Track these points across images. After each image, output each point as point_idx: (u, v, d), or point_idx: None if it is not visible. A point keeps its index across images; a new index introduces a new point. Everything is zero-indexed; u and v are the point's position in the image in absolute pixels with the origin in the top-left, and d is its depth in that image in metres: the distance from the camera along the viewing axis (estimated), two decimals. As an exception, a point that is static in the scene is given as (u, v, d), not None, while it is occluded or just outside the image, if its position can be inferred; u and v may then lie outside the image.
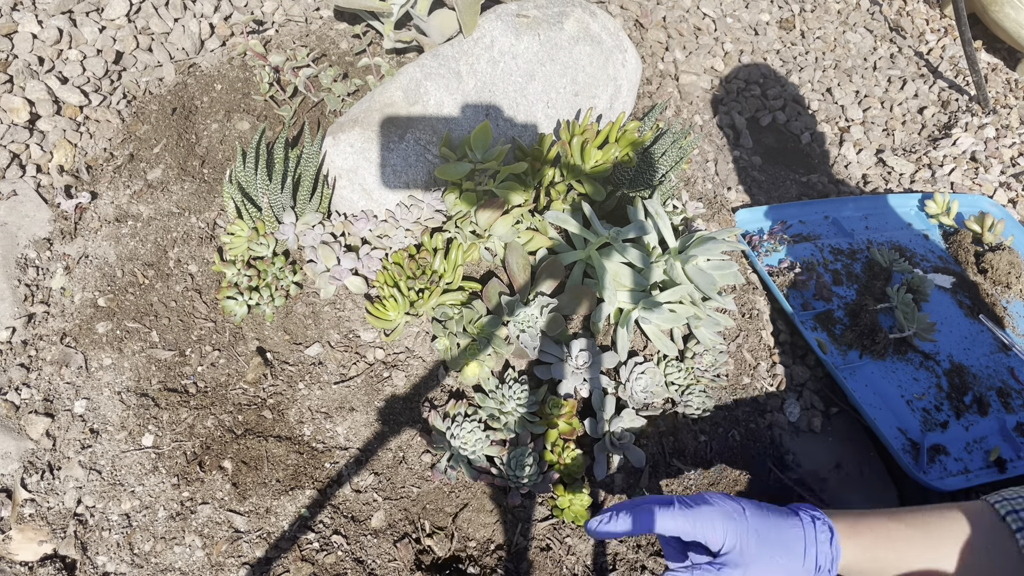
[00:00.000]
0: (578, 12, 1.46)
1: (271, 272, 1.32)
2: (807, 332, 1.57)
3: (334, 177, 1.36)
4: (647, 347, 1.42)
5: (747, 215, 1.80)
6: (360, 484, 1.19)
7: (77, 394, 1.22)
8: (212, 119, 1.59)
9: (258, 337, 1.32)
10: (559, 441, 1.23)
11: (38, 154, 1.49)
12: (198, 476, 1.15)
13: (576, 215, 1.41)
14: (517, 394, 1.23)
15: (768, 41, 2.42)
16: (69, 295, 1.34)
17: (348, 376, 1.30)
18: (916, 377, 1.58)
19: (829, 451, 1.44)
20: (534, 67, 1.39)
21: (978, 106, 2.34)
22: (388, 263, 1.33)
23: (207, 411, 1.22)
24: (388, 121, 1.32)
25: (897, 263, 1.75)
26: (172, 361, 1.27)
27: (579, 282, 1.40)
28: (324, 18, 1.84)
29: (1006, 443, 1.51)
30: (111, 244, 1.39)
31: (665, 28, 2.27)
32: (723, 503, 0.73)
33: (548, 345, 1.31)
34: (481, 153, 1.30)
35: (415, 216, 1.36)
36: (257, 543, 1.10)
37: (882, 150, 2.23)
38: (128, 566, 1.07)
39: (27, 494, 1.12)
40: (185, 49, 1.73)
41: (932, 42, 2.65)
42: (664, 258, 1.37)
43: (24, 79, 1.52)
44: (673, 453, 1.33)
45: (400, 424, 1.25)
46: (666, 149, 1.49)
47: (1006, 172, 2.15)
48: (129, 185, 1.48)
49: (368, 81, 1.64)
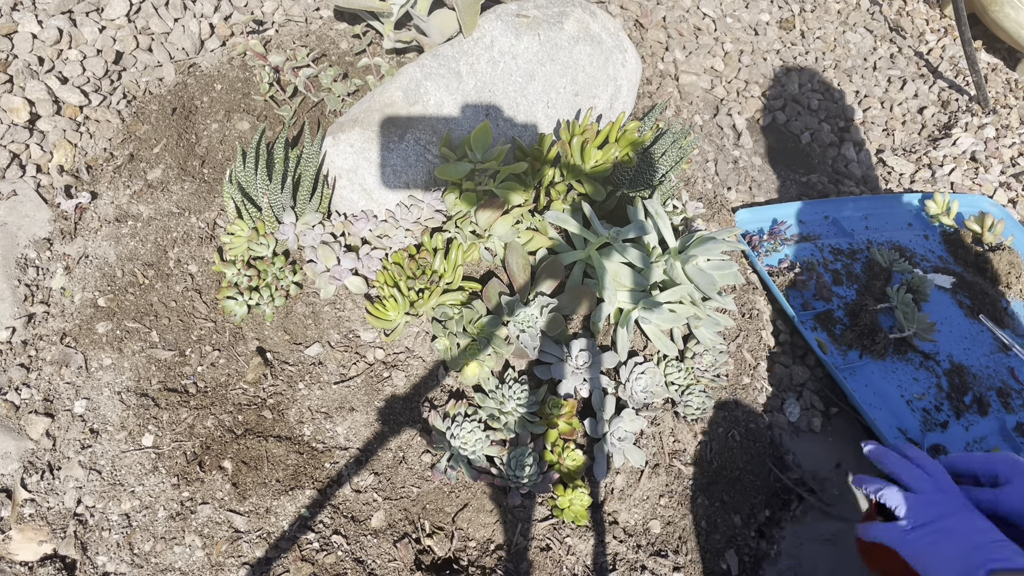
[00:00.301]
0: (578, 12, 1.46)
1: (271, 272, 1.32)
2: (807, 332, 1.57)
3: (334, 177, 1.36)
4: (647, 347, 1.42)
5: (747, 215, 1.80)
6: (360, 484, 1.19)
7: (77, 394, 1.22)
8: (212, 119, 1.59)
9: (258, 337, 1.32)
10: (559, 441, 1.23)
11: (38, 154, 1.49)
12: (198, 476, 1.15)
13: (576, 215, 1.41)
14: (517, 394, 1.23)
15: (768, 41, 2.42)
16: (69, 295, 1.34)
17: (348, 376, 1.30)
18: (916, 377, 1.58)
19: (829, 451, 1.44)
20: (534, 67, 1.39)
21: (978, 106, 2.34)
22: (388, 263, 1.33)
23: (207, 411, 1.22)
24: (388, 121, 1.32)
25: (897, 263, 1.75)
26: (172, 361, 1.27)
27: (579, 282, 1.40)
28: (324, 18, 1.85)
29: (1006, 443, 1.51)
30: (111, 244, 1.39)
31: (665, 28, 2.27)
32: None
33: (548, 345, 1.31)
34: (481, 153, 1.30)
35: (415, 216, 1.36)
36: (257, 543, 1.10)
37: (882, 150, 2.23)
38: (128, 566, 1.07)
39: (27, 494, 1.12)
40: (185, 49, 1.73)
41: (932, 42, 2.65)
42: (664, 258, 1.37)
43: (24, 79, 1.52)
44: (673, 453, 1.33)
45: (400, 424, 1.25)
46: (666, 149, 1.49)
47: (1006, 172, 2.15)
48: (129, 185, 1.48)
49: (368, 81, 1.64)
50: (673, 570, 1.21)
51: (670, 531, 1.25)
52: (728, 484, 1.34)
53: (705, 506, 1.30)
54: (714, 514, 1.30)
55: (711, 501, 1.31)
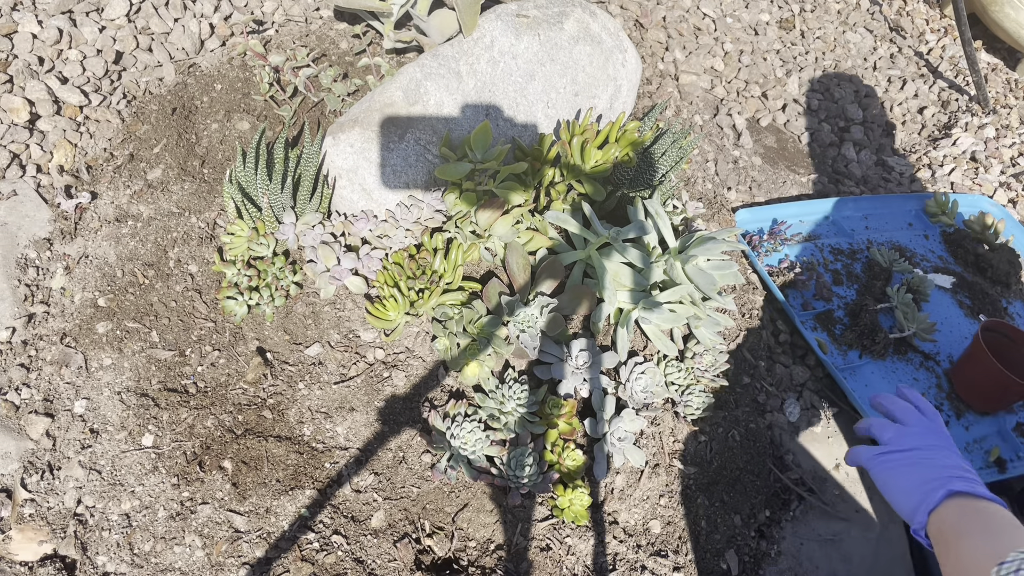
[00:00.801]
0: (578, 12, 1.46)
1: (271, 272, 1.32)
2: (807, 332, 1.57)
3: (334, 177, 1.36)
4: (647, 347, 1.42)
5: (747, 215, 1.80)
6: (360, 484, 1.19)
7: (77, 394, 1.22)
8: (212, 119, 1.59)
9: (258, 337, 1.32)
10: (559, 441, 1.23)
11: (38, 154, 1.49)
12: (198, 476, 1.15)
13: (576, 215, 1.41)
14: (517, 394, 1.23)
15: (768, 41, 2.42)
16: (69, 295, 1.34)
17: (348, 376, 1.30)
18: (916, 377, 1.58)
19: (829, 451, 1.44)
20: (534, 67, 1.39)
21: (978, 106, 2.34)
22: (388, 263, 1.33)
23: (207, 411, 1.22)
24: (388, 121, 1.32)
25: (897, 263, 1.75)
26: (172, 361, 1.27)
27: (579, 282, 1.40)
28: (324, 18, 1.85)
29: (1006, 443, 1.51)
30: (111, 244, 1.39)
31: (665, 28, 2.27)
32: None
33: (548, 345, 1.31)
34: (481, 153, 1.30)
35: (415, 216, 1.36)
36: (257, 543, 1.11)
37: (882, 150, 2.23)
38: (128, 566, 1.07)
39: (27, 494, 1.12)
40: (185, 49, 1.73)
41: (932, 42, 2.65)
42: (664, 258, 1.37)
43: (24, 79, 1.52)
44: (673, 453, 1.33)
45: (400, 424, 1.25)
46: (666, 149, 1.49)
47: (1006, 172, 2.15)
48: (129, 185, 1.48)
49: (368, 81, 1.64)
50: (673, 570, 1.21)
51: (670, 531, 1.25)
52: (728, 484, 1.34)
53: (705, 506, 1.30)
54: (714, 514, 1.30)
55: (711, 501, 1.31)
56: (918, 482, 0.83)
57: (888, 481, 0.87)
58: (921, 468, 0.85)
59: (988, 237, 1.89)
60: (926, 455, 0.86)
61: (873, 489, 1.42)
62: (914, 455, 0.87)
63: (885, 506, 1.39)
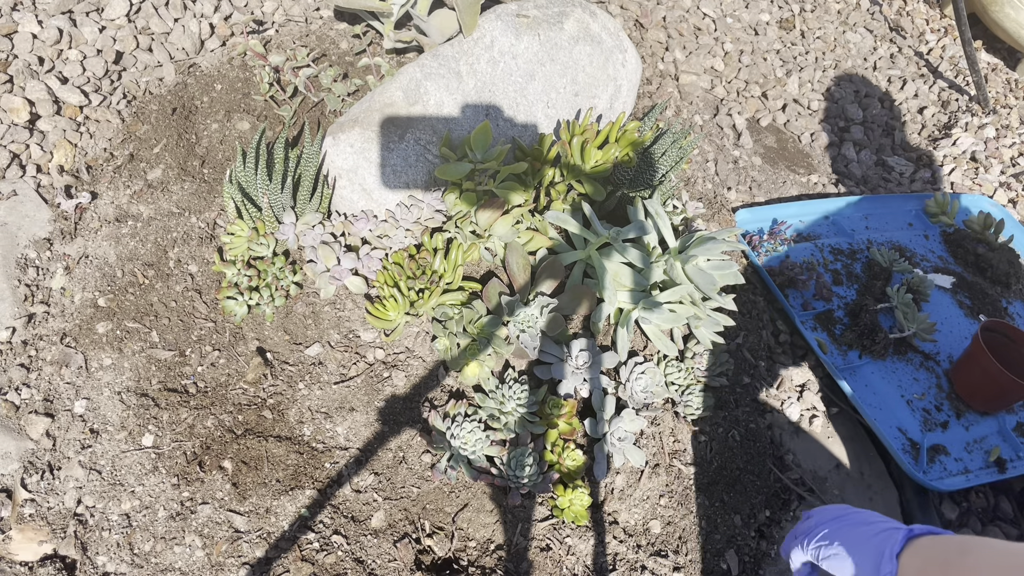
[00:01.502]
0: (578, 12, 1.46)
1: (271, 272, 1.32)
2: (807, 332, 1.57)
3: (334, 177, 1.36)
4: (647, 347, 1.42)
5: (747, 215, 1.80)
6: (360, 484, 1.19)
7: (77, 394, 1.22)
8: (212, 119, 1.59)
9: (258, 337, 1.32)
10: (559, 441, 1.23)
11: (38, 154, 1.49)
12: (198, 476, 1.15)
13: (576, 215, 1.41)
14: (517, 394, 1.23)
15: (768, 41, 2.42)
16: (69, 295, 1.34)
17: (348, 376, 1.30)
18: (916, 377, 1.58)
19: (829, 451, 1.44)
20: (534, 67, 1.39)
21: (978, 106, 2.34)
22: (388, 263, 1.33)
23: (207, 411, 1.22)
24: (388, 121, 1.32)
25: (897, 263, 1.75)
26: (172, 361, 1.27)
27: (579, 282, 1.40)
28: (324, 18, 1.85)
29: (1006, 443, 1.51)
30: (111, 244, 1.39)
31: (665, 28, 2.27)
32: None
33: (548, 345, 1.31)
34: (481, 153, 1.30)
35: (415, 216, 1.36)
36: (257, 543, 1.10)
37: (882, 150, 2.23)
38: (128, 566, 1.07)
39: (27, 494, 1.12)
40: (185, 49, 1.73)
41: (932, 42, 2.65)
42: (664, 258, 1.37)
43: (24, 79, 1.52)
44: (673, 453, 1.33)
45: (400, 424, 1.25)
46: (666, 149, 1.49)
47: (1006, 172, 2.15)
48: (129, 185, 1.48)
49: (368, 81, 1.64)
50: (673, 570, 1.21)
51: (670, 531, 1.25)
52: (728, 484, 1.34)
53: (705, 506, 1.30)
54: (714, 514, 1.30)
55: (711, 501, 1.31)
56: (868, 535, 0.79)
57: (833, 554, 0.81)
58: (861, 526, 0.81)
59: (988, 237, 1.89)
60: (855, 516, 0.83)
61: (873, 489, 1.42)
62: (846, 519, 0.83)
63: (885, 506, 1.39)
